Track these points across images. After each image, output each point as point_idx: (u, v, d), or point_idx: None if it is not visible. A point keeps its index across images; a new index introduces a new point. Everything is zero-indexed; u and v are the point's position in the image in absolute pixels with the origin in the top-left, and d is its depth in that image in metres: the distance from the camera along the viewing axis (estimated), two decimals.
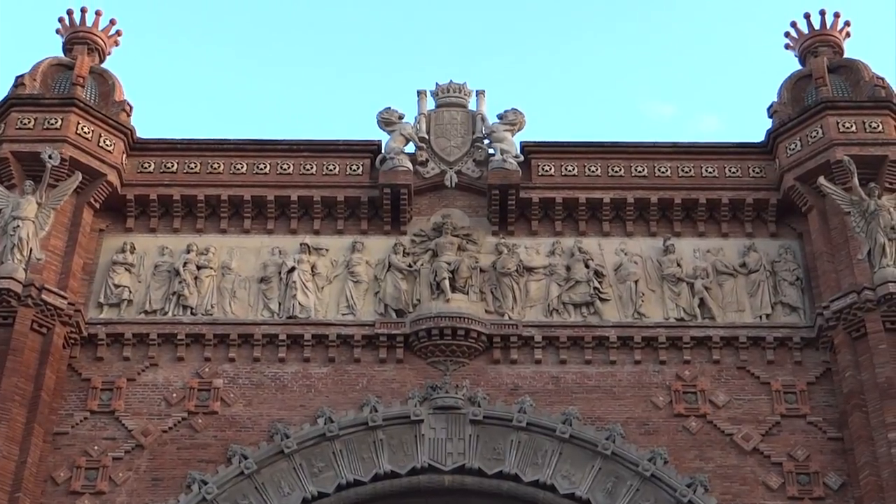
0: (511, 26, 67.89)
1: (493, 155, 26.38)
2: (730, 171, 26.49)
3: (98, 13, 28.26)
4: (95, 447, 23.12)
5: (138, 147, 26.71)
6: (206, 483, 22.52)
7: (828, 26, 28.03)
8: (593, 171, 26.46)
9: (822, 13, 28.11)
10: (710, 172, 26.47)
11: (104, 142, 26.03)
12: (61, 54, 27.89)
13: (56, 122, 25.79)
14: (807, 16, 28.12)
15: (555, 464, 22.88)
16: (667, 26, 66.29)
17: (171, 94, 63.41)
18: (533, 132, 27.10)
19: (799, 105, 26.62)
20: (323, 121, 68.57)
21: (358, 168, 26.52)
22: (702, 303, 24.84)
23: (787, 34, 28.45)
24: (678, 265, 25.31)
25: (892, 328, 23.21)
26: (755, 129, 26.82)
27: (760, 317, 24.76)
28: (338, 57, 68.78)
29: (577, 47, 67.31)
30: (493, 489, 23.03)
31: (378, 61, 67.33)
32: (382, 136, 26.85)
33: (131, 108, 27.13)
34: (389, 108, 27.10)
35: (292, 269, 25.20)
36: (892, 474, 21.63)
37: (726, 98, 66.39)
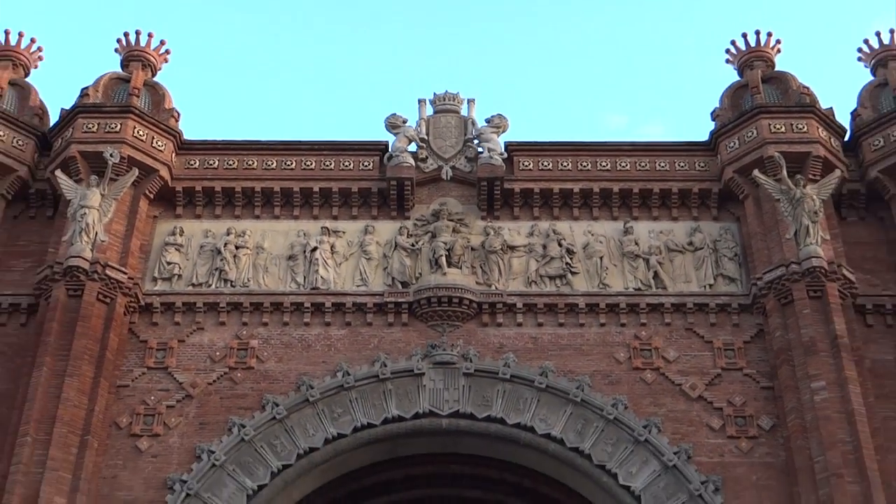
0: (497, 45, 68.67)
1: (482, 153, 26.37)
2: (679, 165, 26.56)
3: (150, 35, 28.27)
4: (152, 397, 23.36)
5: (185, 147, 26.76)
6: (244, 426, 22.72)
7: (762, 44, 27.97)
8: (565, 167, 26.48)
9: (758, 32, 28.09)
10: (663, 167, 26.51)
11: (156, 143, 26.12)
12: (119, 69, 27.87)
13: (116, 127, 25.82)
14: (744, 35, 28.12)
15: (534, 409, 23.03)
16: (620, 49, 67.58)
17: (211, 100, 63.97)
18: (515, 133, 27.22)
19: (737, 110, 26.64)
20: (339, 124, 68.95)
21: (369, 164, 26.56)
22: (655, 275, 24.97)
23: (727, 51, 28.43)
24: (636, 244, 25.40)
25: (815, 296, 23.34)
26: (694, 133, 27.03)
27: (704, 287, 24.88)
28: (351, 70, 69.23)
29: (552, 63, 68.00)
30: (483, 430, 23.13)
31: (385, 74, 67.77)
32: (389, 138, 26.83)
33: (179, 114, 27.14)
34: (395, 113, 27.08)
35: (315, 249, 25.29)
36: (814, 417, 21.85)
37: (669, 108, 67.73)
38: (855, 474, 21.17)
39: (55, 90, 27.08)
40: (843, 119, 26.90)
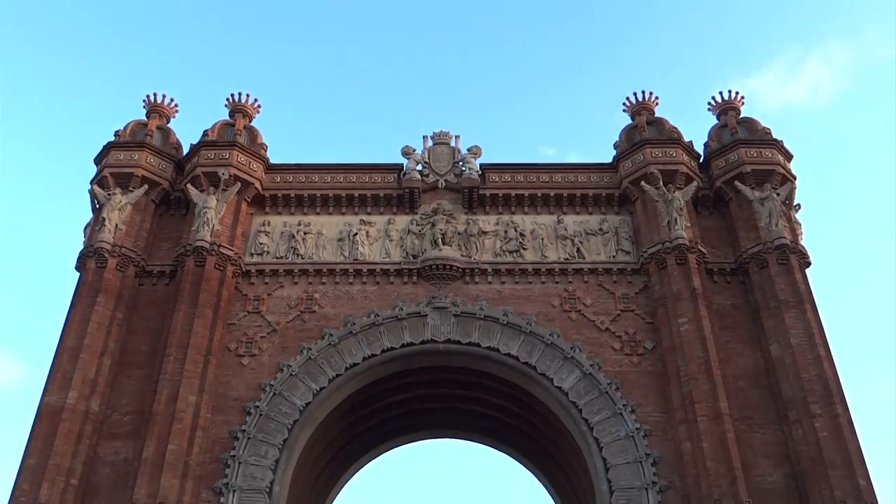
0: (474, 98, 69.56)
1: (465, 171, 26.41)
2: (592, 178, 26.62)
3: (248, 95, 28.49)
4: (251, 331, 23.58)
5: (271, 168, 26.83)
6: (310, 349, 22.98)
7: (646, 99, 28.05)
8: (519, 180, 26.52)
9: (643, 92, 28.26)
10: (583, 179, 26.57)
11: (252, 166, 26.29)
12: (228, 118, 27.99)
13: (226, 156, 26.00)
14: (635, 94, 28.20)
15: (499, 337, 23.22)
16: (553, 103, 69.04)
17: (284, 134, 65.24)
18: (486, 158, 27.06)
19: (630, 142, 26.73)
20: (369, 151, 70.60)
21: (391, 179, 26.59)
22: (578, 250, 25.07)
23: (623, 104, 28.42)
24: (565, 229, 25.48)
25: (680, 263, 23.65)
26: (601, 158, 27.21)
27: (610, 257, 24.98)
28: (378, 114, 70.51)
29: (509, 112, 69.41)
30: (466, 351, 23.30)
31: (400, 117, 69.24)
32: (403, 160, 26.84)
33: (266, 147, 27.28)
34: (408, 145, 27.03)
35: (355, 234, 25.40)
36: (680, 341, 22.24)
37: (584, 142, 69.80)
38: (706, 378, 21.57)
39: (185, 132, 27.22)
40: (699, 147, 27.13)
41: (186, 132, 28.08)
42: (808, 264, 24.13)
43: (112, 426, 21.79)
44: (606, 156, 27.24)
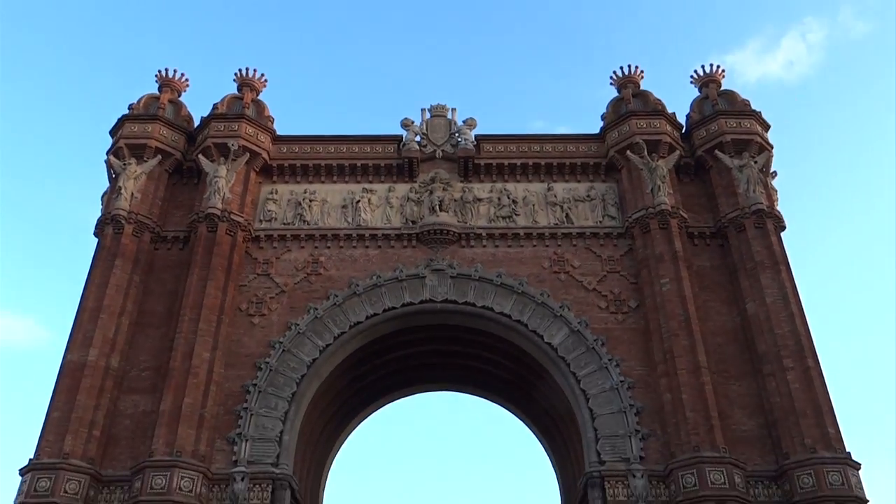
0: (469, 71, 68.82)
1: (461, 141, 25.99)
2: (581, 148, 26.17)
3: (255, 70, 27.82)
4: (261, 292, 23.35)
5: (277, 139, 26.35)
6: (317, 309, 22.79)
7: (632, 73, 27.46)
8: (511, 150, 26.06)
9: (629, 66, 27.64)
10: (572, 149, 26.13)
11: (260, 138, 25.80)
12: (236, 91, 27.37)
13: (235, 128, 25.52)
14: (621, 68, 27.62)
15: (493, 297, 23.04)
16: (541, 79, 68.00)
17: (289, 108, 64.85)
18: (481, 129, 26.64)
19: (617, 114, 26.26)
20: (370, 124, 69.86)
21: (391, 149, 26.10)
22: (567, 216, 24.75)
23: (611, 77, 27.83)
24: (555, 196, 25.13)
25: (663, 227, 23.34)
26: (589, 129, 26.72)
27: (597, 222, 24.63)
28: (378, 88, 69.80)
29: (502, 86, 68.53)
30: (462, 310, 23.12)
31: (399, 92, 68.44)
32: (402, 132, 26.33)
33: (273, 119, 26.77)
34: (407, 117, 26.58)
35: (358, 201, 25.05)
36: (662, 300, 22.08)
37: (572, 114, 68.77)
38: (686, 334, 21.45)
39: (196, 105, 26.70)
40: (682, 118, 26.66)
41: (197, 105, 27.62)
42: (783, 228, 23.84)
43: (131, 381, 21.63)
44: (593, 128, 26.82)
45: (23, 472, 19.52)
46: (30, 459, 19.65)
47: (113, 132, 25.85)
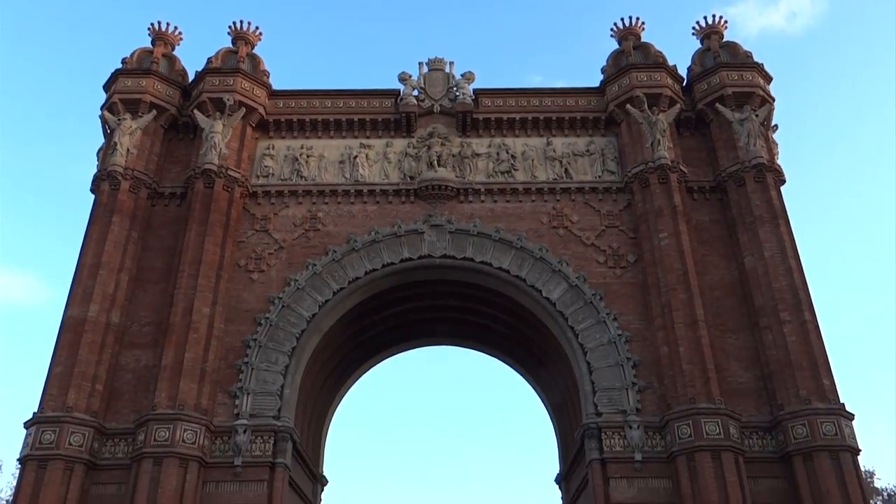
0: (468, 25, 67.80)
1: (459, 96, 25.70)
2: (580, 102, 25.87)
3: (250, 23, 27.26)
4: (259, 248, 23.35)
5: (274, 94, 26.02)
6: (315, 265, 22.85)
7: (633, 25, 26.98)
8: (510, 104, 25.75)
9: (630, 18, 27.17)
10: (571, 103, 25.83)
11: (255, 92, 25.49)
12: (231, 45, 26.91)
13: (230, 82, 25.20)
14: (622, 19, 27.16)
15: (491, 252, 23.06)
16: (540, 31, 66.80)
17: (286, 60, 64.05)
18: (479, 83, 26.36)
19: (617, 67, 25.90)
20: (367, 78, 69.16)
21: (388, 104, 25.80)
22: (566, 170, 24.62)
23: (611, 29, 27.39)
24: (554, 151, 24.96)
25: (662, 182, 23.28)
26: (589, 82, 26.40)
27: (596, 177, 24.51)
28: (375, 42, 68.72)
29: (500, 40, 67.58)
30: (461, 265, 23.16)
31: (396, 45, 67.49)
32: (400, 86, 26.02)
33: (269, 73, 26.37)
34: (404, 71, 26.24)
35: (356, 156, 24.89)
36: (660, 255, 22.10)
37: (571, 68, 68.05)
38: (684, 288, 21.52)
39: (190, 60, 26.27)
40: (683, 71, 26.31)
41: (191, 60, 27.22)
42: (783, 182, 23.75)
43: (132, 336, 21.77)
44: (593, 83, 26.43)
45: (27, 425, 19.77)
46: (34, 413, 19.88)
47: (107, 87, 25.51)
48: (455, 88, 26.07)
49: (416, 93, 26.00)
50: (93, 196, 23.66)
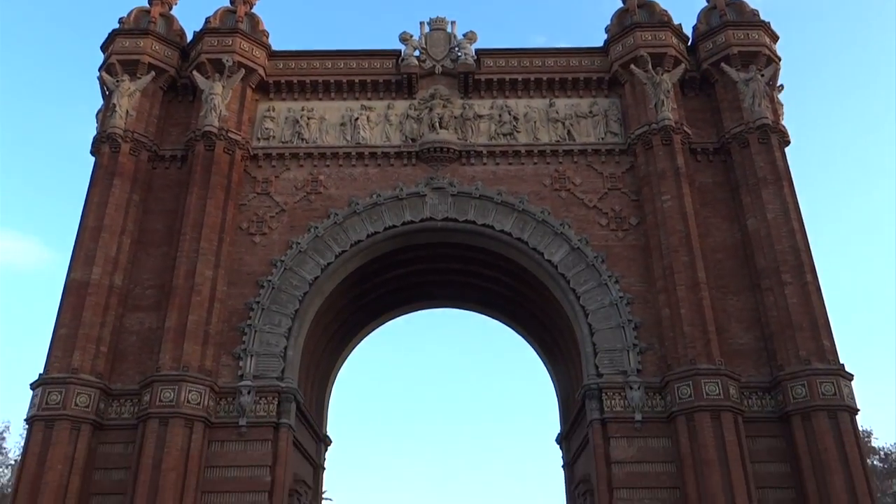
0: None
1: (461, 56, 25.36)
2: (584, 62, 25.57)
3: None
4: (261, 211, 23.32)
5: (273, 55, 25.73)
6: (317, 228, 22.83)
7: None
8: (513, 64, 25.45)
9: None
10: (574, 63, 25.53)
11: (255, 53, 25.20)
12: (229, 4, 26.50)
13: (229, 43, 24.90)
14: None
15: (493, 215, 23.00)
16: None
17: (285, 20, 63.28)
18: (481, 43, 25.99)
19: (621, 26, 25.53)
20: (367, 38, 68.38)
21: (390, 65, 25.52)
22: (568, 132, 24.40)
23: None
24: (556, 112, 24.70)
25: (666, 143, 23.08)
26: (592, 43, 26.09)
27: (599, 139, 24.33)
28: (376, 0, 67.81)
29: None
30: (463, 228, 23.11)
31: (399, 3, 66.69)
32: (401, 47, 25.69)
33: (268, 34, 26.03)
34: (405, 31, 25.86)
35: (357, 118, 24.68)
36: (663, 217, 22.05)
37: (573, 29, 67.37)
38: (686, 251, 21.51)
39: (188, 20, 25.95)
40: (688, 30, 25.93)
41: (189, 20, 26.88)
42: (788, 143, 23.53)
43: (135, 299, 21.88)
44: (595, 43, 26.09)
45: (34, 386, 20.00)
46: (40, 374, 20.07)
47: (104, 47, 25.24)
48: (457, 49, 25.74)
49: (417, 53, 25.67)
50: (93, 159, 23.55)
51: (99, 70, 24.76)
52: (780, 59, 24.74)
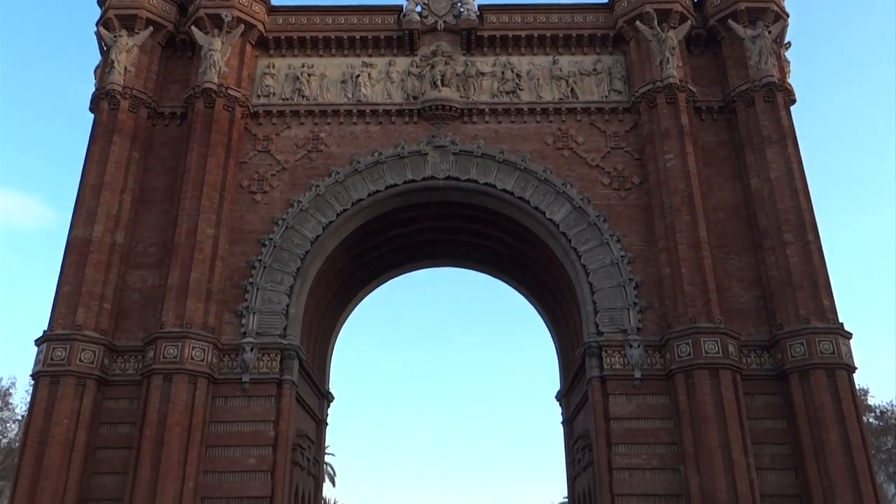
0: None
1: (464, 12, 24.97)
2: (588, 18, 25.16)
3: None
4: (262, 169, 23.25)
5: (273, 10, 25.36)
6: (318, 186, 22.77)
7: None
8: (516, 21, 25.09)
9: None
10: (578, 20, 25.12)
11: (254, 8, 24.82)
12: None
13: None
14: None
15: (495, 174, 22.91)
16: None
17: None
18: None
19: None
20: None
21: (391, 21, 25.16)
22: (572, 90, 24.16)
23: None
24: (560, 70, 24.42)
25: (670, 102, 22.88)
26: None
27: (602, 97, 24.08)
28: None
29: None
30: (464, 187, 23.04)
31: None
32: (403, 2, 25.25)
33: None
34: None
35: (358, 76, 24.45)
36: (665, 176, 21.97)
37: None
38: (688, 210, 21.48)
39: None
40: None
41: None
42: (793, 102, 23.33)
43: (137, 256, 21.95)
44: None
45: (38, 342, 20.18)
46: (44, 331, 20.23)
47: (101, 2, 24.87)
48: (459, 4, 25.33)
49: (419, 9, 25.30)
50: (92, 116, 23.37)
51: (96, 25, 24.43)
52: (788, 16, 24.34)
